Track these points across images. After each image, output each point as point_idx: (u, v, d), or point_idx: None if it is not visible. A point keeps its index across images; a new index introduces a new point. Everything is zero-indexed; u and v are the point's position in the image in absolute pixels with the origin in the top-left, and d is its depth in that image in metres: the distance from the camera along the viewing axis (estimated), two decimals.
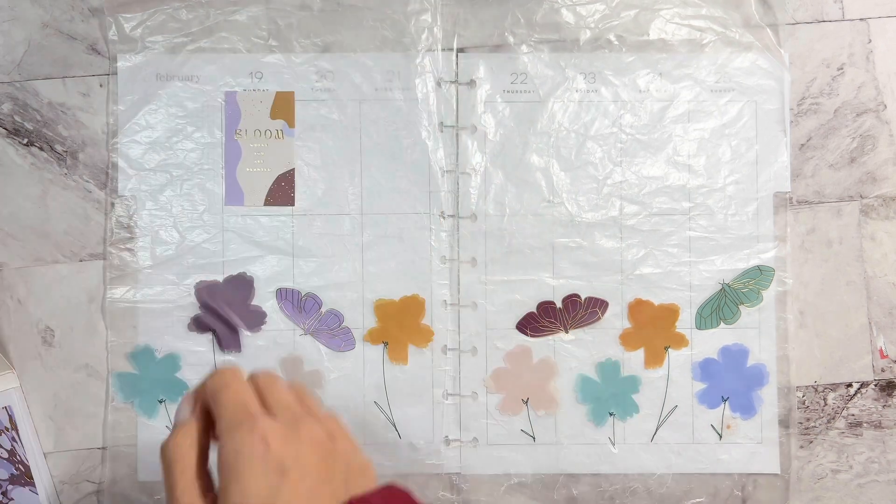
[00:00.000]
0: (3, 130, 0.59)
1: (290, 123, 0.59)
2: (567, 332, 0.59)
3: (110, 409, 0.59)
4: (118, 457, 0.59)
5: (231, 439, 0.35)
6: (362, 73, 0.59)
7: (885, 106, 0.59)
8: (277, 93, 0.59)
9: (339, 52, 0.59)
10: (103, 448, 0.59)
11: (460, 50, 0.59)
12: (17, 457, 0.53)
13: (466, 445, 0.59)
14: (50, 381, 0.59)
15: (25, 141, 0.57)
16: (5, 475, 0.53)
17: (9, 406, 0.54)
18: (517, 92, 0.59)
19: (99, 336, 0.59)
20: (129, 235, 0.59)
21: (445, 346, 0.59)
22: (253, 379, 0.40)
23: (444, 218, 0.59)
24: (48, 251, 0.59)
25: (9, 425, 0.53)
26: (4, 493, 0.53)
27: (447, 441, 0.59)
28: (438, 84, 0.59)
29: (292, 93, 0.59)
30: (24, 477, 0.53)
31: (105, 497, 0.59)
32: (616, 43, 0.59)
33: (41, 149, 0.57)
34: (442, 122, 0.59)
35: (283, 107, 0.59)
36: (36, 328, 0.59)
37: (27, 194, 0.59)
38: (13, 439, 0.53)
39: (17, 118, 0.58)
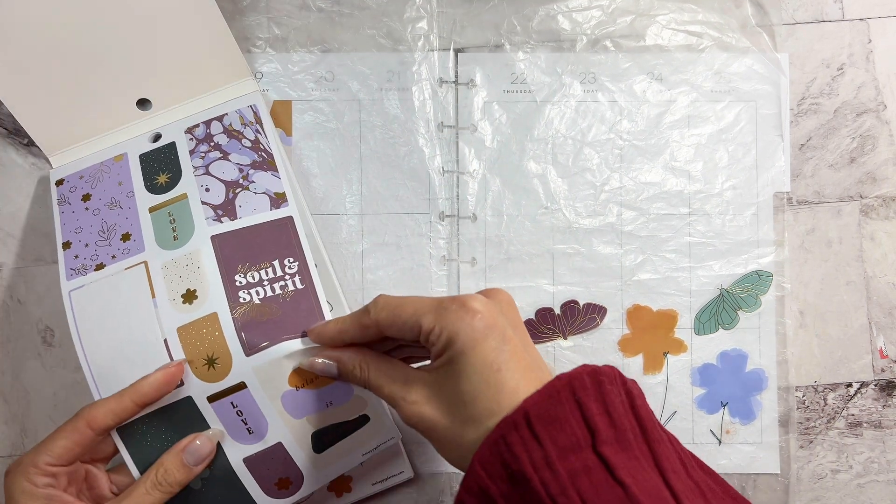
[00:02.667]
0: (4, 130, 0.59)
1: (288, 132, 0.59)
2: (566, 338, 0.59)
3: None
4: (118, 457, 0.59)
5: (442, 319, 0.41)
6: (359, 80, 0.59)
7: (885, 106, 0.59)
8: (275, 102, 0.59)
9: (337, 60, 0.59)
10: None
11: (459, 50, 0.59)
12: (261, 146, 0.56)
13: None
14: (50, 381, 0.59)
15: (26, 141, 0.57)
16: (247, 161, 0.55)
17: (254, 105, 0.57)
18: (516, 92, 0.59)
19: None
20: None
21: None
22: None
23: (442, 221, 0.59)
24: (48, 251, 0.59)
25: (253, 119, 0.57)
26: (246, 177, 0.55)
27: None
28: (440, 83, 0.59)
29: (290, 102, 0.59)
30: (265, 163, 0.55)
31: None
32: (612, 49, 0.59)
33: (42, 149, 0.57)
34: (442, 123, 0.59)
35: (280, 116, 0.59)
36: (36, 328, 0.59)
37: (27, 194, 0.59)
38: (257, 131, 0.56)
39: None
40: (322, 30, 0.59)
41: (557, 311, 0.59)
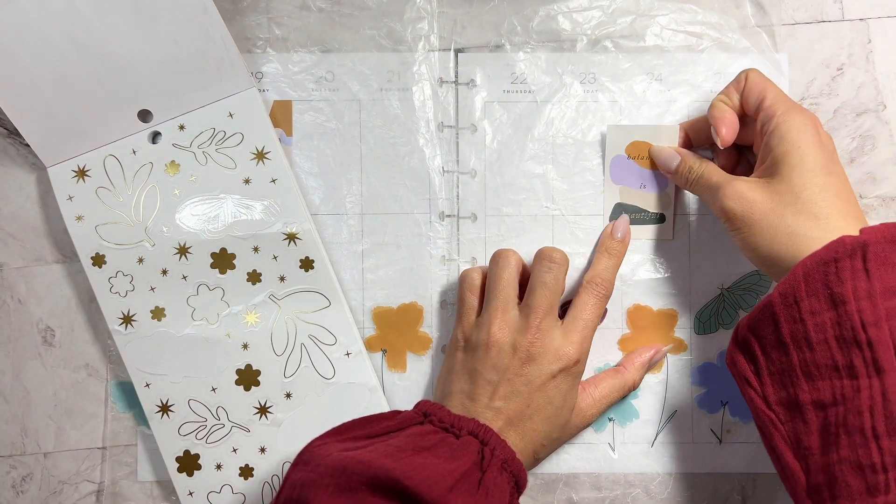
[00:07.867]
0: (4, 130, 0.59)
1: (288, 132, 0.59)
2: None
3: (110, 417, 0.59)
4: (118, 457, 0.59)
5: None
6: (360, 80, 0.59)
7: (885, 106, 0.59)
8: (275, 101, 0.59)
9: (337, 60, 0.59)
10: (103, 448, 0.59)
11: (459, 50, 0.59)
12: None
13: None
14: (50, 381, 0.59)
15: (26, 141, 0.57)
16: None
17: None
18: (516, 92, 0.59)
19: (99, 336, 0.59)
20: None
21: (445, 346, 0.59)
22: None
23: (442, 221, 0.59)
24: (48, 251, 0.59)
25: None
26: None
27: None
28: (440, 83, 0.59)
29: (290, 102, 0.59)
30: None
31: (105, 497, 0.59)
32: (612, 49, 0.59)
33: (42, 160, 0.58)
34: (442, 123, 0.59)
35: (280, 116, 0.59)
36: (36, 328, 0.59)
37: (27, 194, 0.60)
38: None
39: None
40: (322, 30, 0.59)
41: (558, 310, 0.58)
